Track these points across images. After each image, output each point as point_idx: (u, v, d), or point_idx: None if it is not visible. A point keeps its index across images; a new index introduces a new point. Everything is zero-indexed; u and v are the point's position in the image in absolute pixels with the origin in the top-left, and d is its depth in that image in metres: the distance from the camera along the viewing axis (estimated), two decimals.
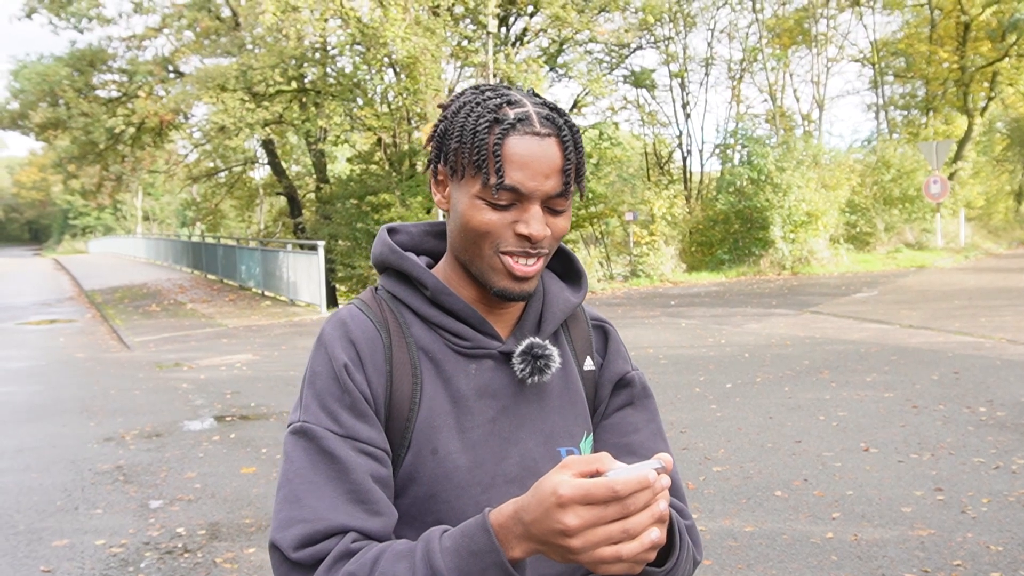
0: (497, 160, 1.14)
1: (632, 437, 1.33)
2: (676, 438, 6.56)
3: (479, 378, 1.24)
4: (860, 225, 25.27)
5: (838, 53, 32.17)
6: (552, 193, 1.17)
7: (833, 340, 10.94)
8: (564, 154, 1.17)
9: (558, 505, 0.92)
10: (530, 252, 1.18)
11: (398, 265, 1.28)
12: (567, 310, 1.33)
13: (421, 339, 1.24)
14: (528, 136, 1.15)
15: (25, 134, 23.77)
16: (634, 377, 1.39)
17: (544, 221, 1.18)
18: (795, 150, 23.20)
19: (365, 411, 1.17)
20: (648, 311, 15.23)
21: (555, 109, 1.21)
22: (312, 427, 1.15)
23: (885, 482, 5.32)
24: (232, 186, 31.12)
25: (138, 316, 16.79)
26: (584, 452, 1.29)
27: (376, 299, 1.28)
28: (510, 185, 1.14)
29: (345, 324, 1.22)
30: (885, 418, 6.90)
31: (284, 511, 1.11)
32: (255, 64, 18.57)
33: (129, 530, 4.94)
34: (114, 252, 49.41)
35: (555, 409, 1.28)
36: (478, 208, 1.17)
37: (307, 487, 1.12)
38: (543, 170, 1.15)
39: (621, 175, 25.90)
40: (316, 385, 1.18)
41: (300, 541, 1.09)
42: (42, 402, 8.75)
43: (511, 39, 24.06)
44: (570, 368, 1.32)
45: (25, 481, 5.96)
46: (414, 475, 1.19)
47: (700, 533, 4.47)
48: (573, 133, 1.19)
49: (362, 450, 1.14)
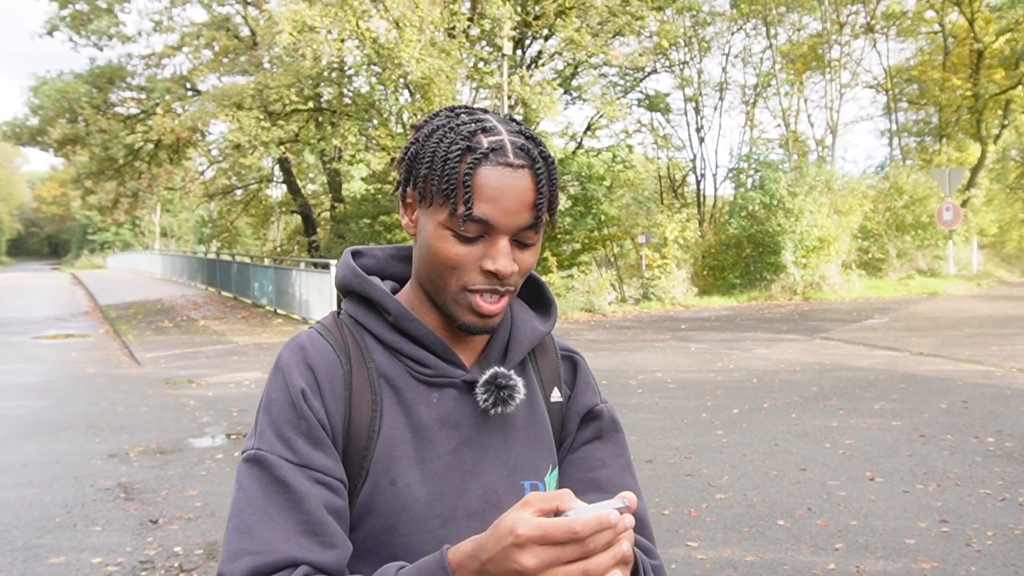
0: (467, 191, 1.11)
1: (599, 472, 1.30)
2: (680, 464, 6.52)
3: (441, 407, 1.21)
4: (872, 251, 25.18)
5: (852, 79, 32.17)
6: (523, 226, 1.14)
7: (842, 367, 10.87)
8: (537, 187, 1.14)
9: (515, 545, 0.89)
10: (498, 289, 1.16)
11: (360, 289, 1.25)
12: (534, 340, 1.30)
13: (383, 365, 1.21)
14: (501, 167, 1.12)
15: (44, 150, 24.03)
16: (603, 410, 1.36)
17: (511, 256, 1.15)
18: (808, 175, 23.16)
19: (321, 439, 1.13)
20: (658, 335, 15.18)
21: (531, 138, 1.17)
22: (266, 455, 1.12)
23: (890, 512, 5.26)
24: (248, 204, 31.34)
25: (151, 332, 16.86)
26: (549, 486, 1.27)
27: (338, 323, 1.25)
28: (479, 217, 1.12)
29: (304, 349, 1.19)
30: (892, 447, 6.83)
31: (234, 542, 1.08)
32: (271, 83, 18.72)
33: (127, 548, 4.93)
34: (131, 268, 49.69)
35: (520, 441, 1.25)
36: (445, 239, 1.14)
37: (258, 517, 1.08)
38: (514, 203, 1.12)
39: (636, 198, 25.91)
40: (272, 412, 1.15)
41: (249, 573, 1.05)
42: (49, 417, 8.78)
43: (526, 61, 24.18)
44: (536, 399, 1.29)
45: (26, 496, 5.97)
46: (371, 506, 1.16)
47: (700, 561, 4.44)
48: (548, 165, 1.16)
49: (317, 479, 1.11)
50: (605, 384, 10.09)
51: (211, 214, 36.87)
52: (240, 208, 31.21)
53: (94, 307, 23.84)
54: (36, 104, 22.22)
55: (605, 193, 23.80)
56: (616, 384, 10.11)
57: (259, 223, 36.90)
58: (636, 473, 1.35)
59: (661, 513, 5.38)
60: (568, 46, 22.84)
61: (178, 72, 22.63)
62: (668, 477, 6.19)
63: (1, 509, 5.70)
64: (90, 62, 23.60)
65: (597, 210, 23.50)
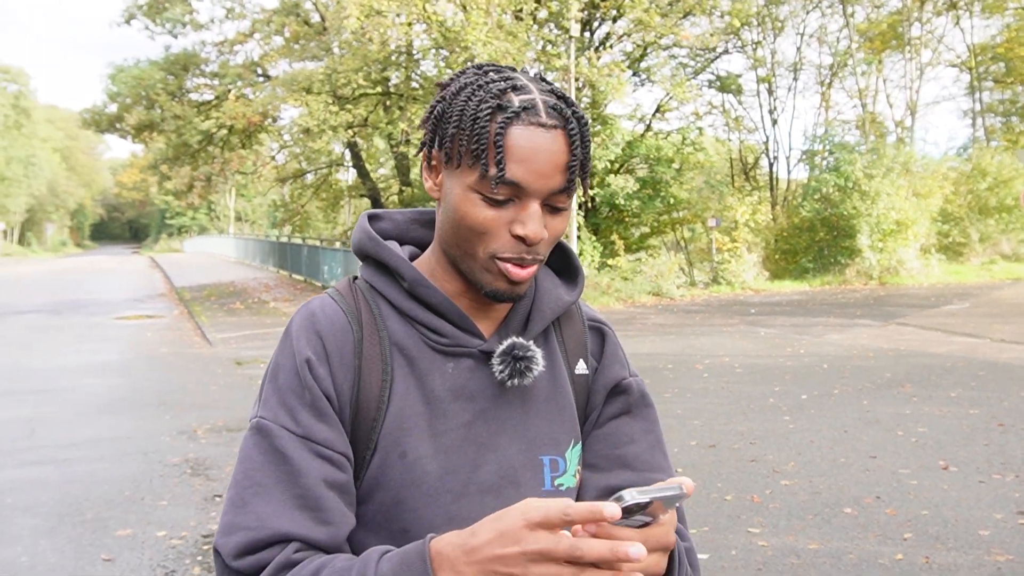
0: (499, 151, 1.05)
1: (627, 448, 1.23)
2: (745, 449, 6.38)
3: (456, 378, 1.15)
4: (953, 235, 24.39)
5: (933, 58, 31.11)
6: (555, 189, 1.08)
7: (918, 353, 10.53)
8: (570, 148, 1.08)
9: (525, 525, 0.85)
10: (525, 257, 1.10)
11: (375, 253, 1.20)
12: (558, 309, 1.23)
13: (396, 333, 1.16)
14: (533, 127, 1.06)
15: (123, 137, 24.69)
16: (631, 384, 1.27)
17: (542, 222, 1.09)
18: (885, 157, 22.49)
19: (325, 410, 1.09)
20: (727, 319, 14.93)
21: (563, 98, 1.11)
22: (268, 424, 1.08)
23: (963, 503, 5.06)
24: (318, 188, 31.73)
25: (223, 313, 17.22)
26: (571, 462, 1.20)
27: (352, 289, 1.21)
28: (511, 179, 1.05)
29: (314, 316, 1.15)
30: (968, 436, 6.58)
31: (228, 515, 1.06)
32: (339, 68, 18.89)
33: (191, 522, 5.02)
34: (207, 251, 50.93)
35: (540, 414, 1.19)
36: (473, 202, 1.08)
37: (255, 490, 1.06)
38: (547, 165, 1.06)
39: (708, 181, 25.48)
40: (278, 380, 1.11)
41: (241, 549, 1.03)
42: (122, 395, 9.02)
43: (594, 43, 23.93)
44: (559, 371, 1.23)
45: (98, 471, 6.13)
46: (380, 480, 1.12)
47: (762, 548, 4.33)
48: (581, 125, 1.09)
49: (318, 452, 1.07)
50: (671, 368, 9.96)
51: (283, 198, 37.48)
52: (311, 192, 31.62)
53: (170, 289, 24.47)
54: (114, 92, 22.82)
55: (674, 176, 23.48)
56: (682, 368, 9.96)
57: (329, 207, 37.34)
58: (667, 450, 1.27)
59: (723, 499, 5.27)
60: (637, 27, 22.55)
61: (249, 58, 22.99)
62: (732, 463, 6.05)
63: (74, 482, 5.86)
64: (165, 50, 24.18)
65: (666, 193, 23.20)
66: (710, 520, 4.89)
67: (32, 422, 7.70)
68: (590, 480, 1.22)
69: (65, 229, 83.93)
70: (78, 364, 11.11)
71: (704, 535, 4.65)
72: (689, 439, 6.70)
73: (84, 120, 24.67)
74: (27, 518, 5.13)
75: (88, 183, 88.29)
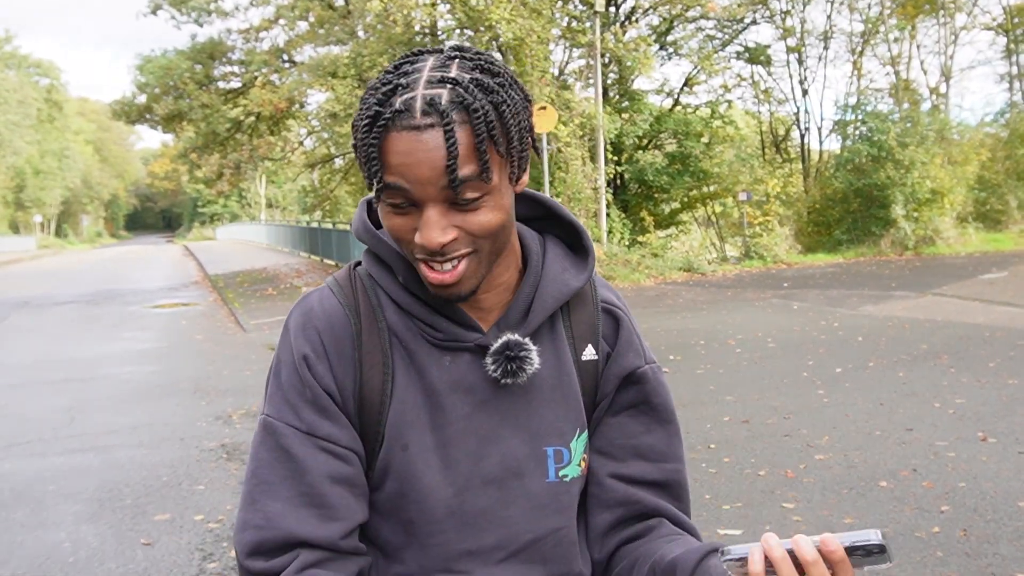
0: (374, 163, 1.02)
1: (642, 439, 1.22)
2: (779, 424, 6.33)
3: (454, 371, 1.14)
4: (991, 202, 23.93)
5: (968, 21, 30.42)
6: (444, 188, 1.01)
7: (955, 323, 10.37)
8: (448, 145, 1.00)
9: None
10: (438, 260, 1.06)
11: (372, 246, 1.19)
12: (561, 298, 1.19)
13: (395, 325, 1.15)
14: (406, 132, 1.00)
15: (153, 127, 24.89)
16: (646, 372, 1.24)
17: (444, 225, 1.03)
18: (919, 124, 22.10)
19: (327, 406, 1.10)
20: (759, 293, 14.81)
21: (449, 82, 1.02)
22: (273, 422, 1.10)
23: (1002, 475, 4.98)
24: (347, 172, 31.81)
25: (255, 299, 17.38)
26: (576, 451, 1.19)
27: (351, 278, 1.19)
28: (394, 186, 1.02)
29: (311, 311, 1.14)
30: (1007, 406, 6.48)
31: (241, 512, 1.10)
32: (364, 52, 18.88)
33: (227, 507, 5.09)
34: (239, 238, 51.39)
35: (544, 404, 1.17)
36: (385, 212, 1.07)
37: (262, 488, 1.09)
38: (424, 168, 1.00)
39: (739, 155, 25.18)
40: (280, 376, 1.12)
41: (252, 548, 1.07)
42: (159, 382, 9.14)
43: (620, 18, 23.71)
44: (564, 358, 1.20)
45: (136, 457, 6.23)
46: (387, 470, 1.13)
47: (796, 523, 4.29)
48: (470, 112, 1.00)
49: (323, 448, 1.09)
50: (703, 344, 9.90)
51: (312, 183, 37.65)
52: (340, 177, 31.72)
53: (203, 277, 24.73)
54: (142, 82, 22.97)
55: (703, 150, 23.25)
56: (714, 344, 9.89)
57: (359, 191, 37.43)
58: (683, 438, 1.25)
59: (756, 474, 5.24)
60: (663, 0, 22.30)
61: (275, 45, 23.03)
62: (765, 437, 6.01)
63: (113, 468, 5.95)
64: (191, 39, 24.35)
65: (695, 168, 22.99)
66: (744, 496, 4.87)
67: (72, 410, 7.83)
68: (604, 467, 1.21)
69: (100, 220, 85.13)
70: (115, 353, 11.27)
71: (737, 511, 4.63)
72: (722, 415, 6.66)
73: (114, 111, 24.87)
74: (69, 504, 5.22)
75: (121, 174, 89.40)
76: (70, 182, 68.34)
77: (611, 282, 17.80)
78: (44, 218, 65.63)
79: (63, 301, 18.72)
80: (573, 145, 18.86)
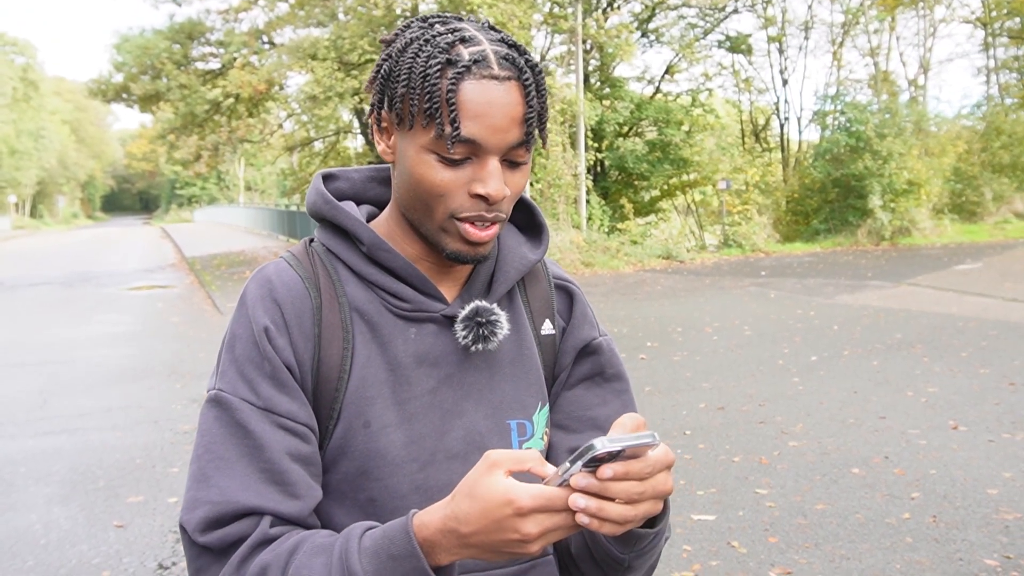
0: (452, 109, 1.00)
1: (598, 411, 1.21)
2: (754, 411, 6.37)
3: (419, 343, 1.12)
4: (967, 194, 24.14)
5: (947, 14, 30.61)
6: (513, 144, 1.04)
7: (929, 313, 10.47)
8: (526, 100, 1.03)
9: (518, 515, 0.86)
10: (486, 216, 1.06)
11: (331, 216, 1.15)
12: (522, 269, 1.19)
13: (356, 299, 1.12)
14: (486, 80, 1.01)
15: (129, 106, 24.71)
16: (601, 344, 1.24)
17: (502, 179, 1.04)
18: (897, 116, 22.22)
19: (286, 381, 1.06)
20: (737, 281, 14.88)
21: (514, 46, 1.06)
22: (227, 396, 1.05)
23: (972, 462, 5.05)
24: (327, 155, 31.62)
25: (232, 282, 17.27)
26: (538, 425, 1.18)
27: (309, 252, 1.16)
28: (467, 137, 1.01)
29: (270, 282, 1.10)
30: (978, 395, 6.56)
31: (192, 490, 1.03)
32: (344, 34, 18.74)
33: None
34: (217, 221, 50.99)
35: (506, 378, 1.16)
36: (429, 164, 1.04)
37: (217, 464, 1.02)
38: (503, 119, 1.02)
39: (719, 144, 25.23)
40: (235, 350, 1.07)
41: (206, 523, 1.00)
42: (133, 365, 9.07)
43: (601, 4, 23.66)
44: (524, 332, 1.20)
45: (110, 439, 6.18)
46: (344, 449, 1.09)
47: (769, 509, 4.33)
48: (535, 74, 1.05)
49: (281, 424, 1.04)
50: (680, 331, 9.94)
51: (292, 166, 37.40)
52: (319, 160, 31.54)
53: (180, 259, 24.54)
54: (119, 61, 22.69)
55: (684, 138, 23.28)
56: (691, 331, 9.94)
57: None
58: (659, 425, 1.25)
59: (731, 460, 5.27)
60: None
61: (254, 26, 22.79)
62: (740, 424, 6.05)
63: (86, 451, 5.91)
64: (169, 18, 23.99)
65: (676, 156, 23.02)
66: (718, 481, 4.90)
67: (44, 393, 7.76)
68: (561, 441, 1.21)
69: (76, 201, 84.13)
70: (90, 335, 11.17)
71: (712, 496, 4.66)
72: (698, 401, 6.70)
73: (91, 90, 24.57)
74: (41, 487, 5.19)
75: (98, 155, 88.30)
76: (46, 162, 67.45)
77: (590, 268, 17.83)
78: (19, 198, 64.77)
79: (37, 283, 18.52)
80: (553, 131, 18.83)
